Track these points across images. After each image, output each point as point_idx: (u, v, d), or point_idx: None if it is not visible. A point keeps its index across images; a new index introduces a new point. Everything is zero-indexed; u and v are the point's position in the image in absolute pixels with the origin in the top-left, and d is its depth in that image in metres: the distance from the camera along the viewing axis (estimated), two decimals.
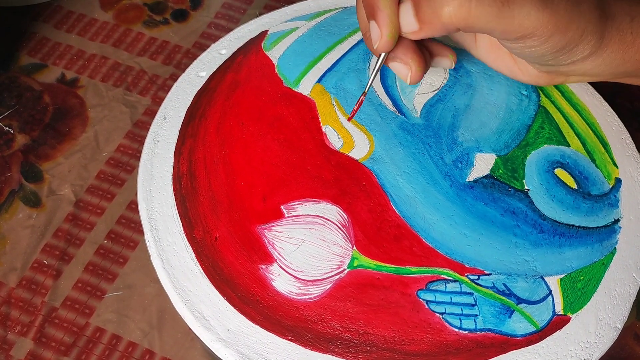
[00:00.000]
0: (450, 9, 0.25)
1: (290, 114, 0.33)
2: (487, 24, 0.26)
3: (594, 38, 0.28)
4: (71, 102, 0.51)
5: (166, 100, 0.38)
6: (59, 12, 0.56)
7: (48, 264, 0.43)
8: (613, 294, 0.32)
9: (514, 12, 0.25)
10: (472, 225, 0.30)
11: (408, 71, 0.29)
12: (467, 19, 0.26)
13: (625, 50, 0.28)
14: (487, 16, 0.25)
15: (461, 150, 0.32)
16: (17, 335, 0.41)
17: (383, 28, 0.27)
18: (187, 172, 0.34)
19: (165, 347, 0.40)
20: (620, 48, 0.28)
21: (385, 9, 0.27)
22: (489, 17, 0.25)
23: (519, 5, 0.25)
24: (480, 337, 0.29)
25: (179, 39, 0.54)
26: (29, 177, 0.47)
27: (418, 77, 0.29)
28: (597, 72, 0.30)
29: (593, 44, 0.28)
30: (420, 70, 0.29)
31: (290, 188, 0.31)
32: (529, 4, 0.26)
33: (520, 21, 0.26)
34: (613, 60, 0.29)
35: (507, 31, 0.27)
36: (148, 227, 0.33)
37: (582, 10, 0.27)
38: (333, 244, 0.30)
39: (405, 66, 0.29)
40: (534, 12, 0.26)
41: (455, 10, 0.25)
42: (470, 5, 0.25)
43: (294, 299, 0.30)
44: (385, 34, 0.27)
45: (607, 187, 0.34)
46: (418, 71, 0.29)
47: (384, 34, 0.27)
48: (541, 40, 0.27)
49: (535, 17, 0.26)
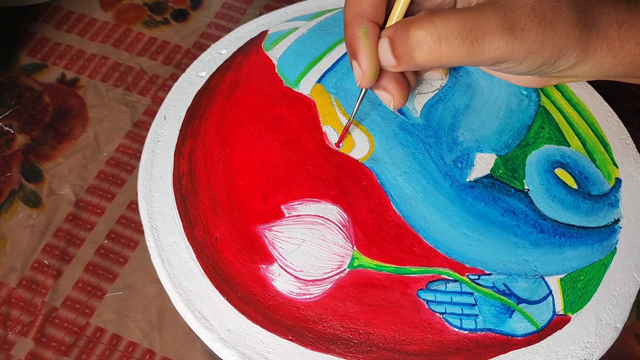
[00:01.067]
0: (422, 54, 0.27)
1: (291, 114, 0.33)
2: (459, 62, 0.27)
3: (575, 50, 0.28)
4: (71, 102, 0.51)
5: (166, 100, 0.38)
6: (59, 12, 0.56)
7: (48, 264, 0.43)
8: (613, 294, 0.32)
9: (484, 48, 0.26)
10: (473, 225, 0.30)
11: (391, 99, 0.30)
12: (440, 61, 0.27)
13: (615, 55, 0.29)
14: (458, 56, 0.26)
15: (461, 150, 0.32)
16: (18, 335, 0.41)
17: (364, 68, 0.28)
18: (188, 172, 0.34)
19: (165, 347, 0.40)
20: (609, 54, 0.29)
21: (366, 50, 0.28)
22: (460, 56, 0.26)
23: (488, 40, 0.26)
24: (481, 337, 0.29)
25: (179, 39, 0.54)
26: (29, 177, 0.47)
27: (401, 104, 0.30)
28: (588, 74, 0.30)
29: (576, 55, 0.28)
30: (402, 98, 0.30)
31: (291, 188, 0.31)
32: (498, 37, 0.26)
33: (490, 54, 0.27)
34: (603, 65, 0.29)
35: (479, 63, 0.27)
36: (148, 227, 0.33)
37: (557, 30, 0.27)
38: (333, 244, 0.30)
39: (388, 95, 0.30)
40: (502, 43, 0.26)
41: (427, 55, 0.27)
42: (441, 49, 0.26)
43: (295, 299, 0.30)
44: (366, 74, 0.28)
45: (607, 187, 0.34)
46: (400, 99, 0.30)
47: (365, 74, 0.28)
48: (516, 62, 0.28)
49: (504, 48, 0.26)
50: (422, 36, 0.26)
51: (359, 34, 0.28)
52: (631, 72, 0.30)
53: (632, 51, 0.29)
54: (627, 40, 0.29)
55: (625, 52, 0.29)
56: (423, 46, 0.26)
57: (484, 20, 0.26)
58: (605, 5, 0.29)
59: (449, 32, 0.26)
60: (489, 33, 0.26)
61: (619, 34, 0.28)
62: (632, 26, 0.29)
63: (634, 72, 0.30)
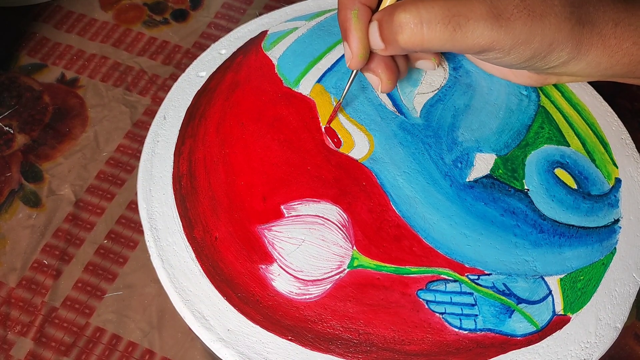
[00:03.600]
0: (404, 36, 0.27)
1: (290, 114, 0.33)
2: (442, 46, 0.27)
3: (567, 46, 0.28)
4: (71, 102, 0.51)
5: (166, 100, 0.38)
6: (59, 12, 0.56)
7: (48, 264, 0.43)
8: (613, 294, 0.32)
9: (467, 34, 0.27)
10: (472, 225, 0.30)
11: (379, 82, 0.30)
12: (422, 44, 0.27)
13: (611, 54, 0.29)
14: (441, 40, 0.27)
15: (461, 150, 0.32)
16: (17, 335, 0.41)
17: (354, 49, 0.29)
18: (187, 172, 0.34)
19: (165, 347, 0.40)
20: (604, 52, 0.29)
21: (356, 32, 0.29)
22: (443, 41, 0.27)
23: (471, 27, 0.26)
24: (480, 337, 0.29)
25: (179, 39, 0.54)
26: (29, 177, 0.47)
27: (388, 88, 0.31)
28: (585, 73, 0.30)
29: (569, 51, 0.28)
30: (390, 82, 0.30)
31: (290, 188, 0.31)
32: (482, 24, 0.26)
33: (474, 41, 0.27)
34: (599, 64, 0.29)
35: (463, 50, 0.28)
36: (148, 227, 0.33)
37: (546, 23, 0.27)
38: (333, 244, 0.30)
39: (376, 78, 0.30)
40: (487, 31, 0.27)
41: (409, 37, 0.27)
42: (423, 31, 0.27)
43: (294, 299, 0.30)
44: (355, 54, 0.29)
45: (607, 187, 0.34)
46: (388, 83, 0.30)
47: (355, 54, 0.29)
48: (503, 52, 0.28)
49: (488, 36, 0.27)
50: (405, 19, 0.27)
51: (351, 15, 0.29)
52: (630, 72, 0.30)
53: (629, 50, 0.29)
54: (624, 39, 0.29)
55: (623, 52, 0.29)
56: (405, 29, 0.27)
57: (468, 7, 0.26)
58: (601, 3, 0.29)
59: (431, 16, 0.26)
60: (472, 20, 0.26)
61: (615, 32, 0.28)
62: (629, 25, 0.29)
63: (632, 72, 0.30)
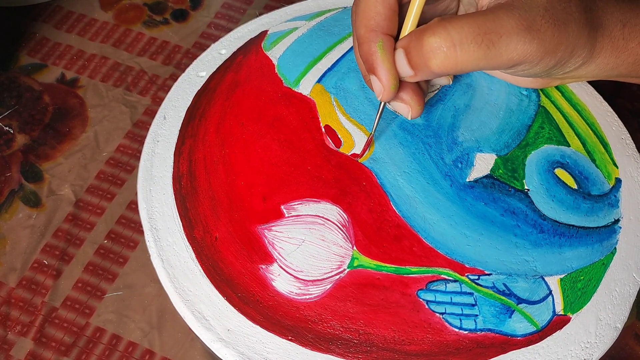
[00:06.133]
0: (438, 61, 0.26)
1: (290, 114, 0.33)
2: (476, 66, 0.26)
3: (584, 51, 0.28)
4: (71, 102, 0.51)
5: (166, 100, 0.38)
6: (59, 12, 0.56)
7: (48, 264, 0.43)
8: (613, 294, 0.32)
9: (501, 50, 0.26)
10: (472, 225, 0.30)
11: (409, 110, 0.30)
12: (456, 67, 0.26)
13: (618, 55, 0.29)
14: (475, 60, 0.26)
15: (461, 150, 0.32)
16: (17, 335, 0.41)
17: (384, 82, 0.28)
18: (187, 172, 0.34)
19: (165, 347, 0.40)
20: (612, 53, 0.29)
21: (385, 64, 0.27)
22: (477, 60, 0.26)
23: (505, 42, 0.26)
24: (481, 337, 0.29)
25: (179, 39, 0.54)
26: (29, 177, 0.47)
27: (418, 113, 0.30)
28: (592, 74, 0.30)
29: (584, 56, 0.28)
30: (419, 108, 0.30)
31: (290, 188, 0.31)
32: (515, 38, 0.26)
33: (508, 56, 0.26)
34: (606, 64, 0.29)
35: (496, 67, 0.27)
36: (148, 227, 0.33)
37: (570, 31, 0.27)
38: (333, 244, 0.30)
39: (406, 106, 0.29)
40: (520, 45, 0.26)
41: (442, 62, 0.26)
42: (456, 54, 0.26)
43: (294, 299, 0.30)
44: (387, 87, 0.28)
45: (607, 187, 0.34)
46: (418, 109, 0.30)
47: (387, 87, 0.28)
48: (532, 64, 0.27)
49: (522, 49, 0.26)
50: (437, 43, 0.25)
51: (376, 48, 0.27)
52: (633, 71, 0.30)
53: (635, 50, 0.29)
54: (630, 39, 0.29)
55: (629, 52, 0.29)
56: (438, 53, 0.26)
57: (498, 22, 0.25)
58: (608, 5, 0.29)
59: (462, 37, 0.25)
60: (504, 35, 0.25)
61: (623, 33, 0.28)
62: (635, 25, 0.29)
63: (635, 71, 0.30)
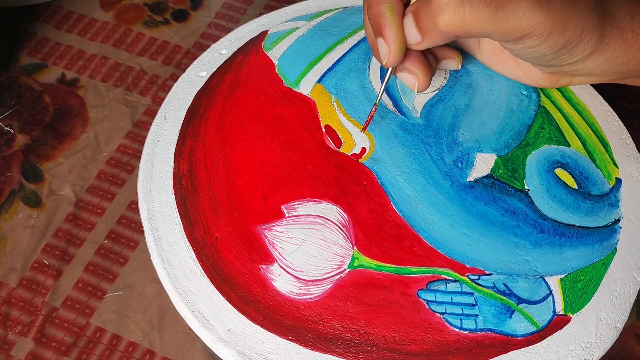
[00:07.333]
0: (446, 17, 0.26)
1: (291, 114, 0.33)
2: (483, 28, 0.26)
3: (593, 36, 0.28)
4: (71, 102, 0.51)
5: (166, 100, 0.38)
6: (59, 12, 0.56)
7: (48, 264, 0.43)
8: (613, 294, 0.32)
9: (509, 15, 0.26)
10: (473, 225, 0.30)
11: (415, 81, 0.30)
12: (463, 25, 0.26)
13: (628, 48, 0.28)
14: (483, 21, 0.26)
15: (461, 150, 0.32)
16: (18, 336, 0.41)
17: (391, 44, 0.28)
18: (188, 172, 0.34)
19: (165, 347, 0.40)
20: (622, 46, 0.28)
21: (393, 25, 0.27)
22: (485, 21, 0.26)
23: (513, 7, 0.26)
24: (481, 337, 0.29)
25: (179, 39, 0.54)
26: (29, 177, 0.47)
27: (425, 86, 0.30)
28: (600, 71, 0.30)
29: (593, 43, 0.28)
30: (426, 79, 0.29)
31: (291, 188, 0.31)
32: (523, 4, 0.26)
33: (516, 22, 0.26)
34: (616, 58, 0.29)
35: (504, 33, 0.27)
36: (148, 227, 0.33)
37: (579, 9, 0.27)
38: (333, 244, 0.30)
39: (412, 76, 0.29)
40: (529, 12, 0.26)
41: (450, 18, 0.26)
42: (464, 12, 0.26)
43: (295, 299, 0.30)
44: (393, 49, 0.28)
45: (608, 187, 0.34)
46: (425, 80, 0.29)
47: (392, 49, 0.28)
48: (540, 39, 0.27)
49: (530, 17, 0.26)
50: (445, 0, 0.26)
51: (384, 9, 0.27)
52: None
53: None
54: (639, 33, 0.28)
55: (638, 46, 0.29)
56: (446, 10, 0.26)
57: None
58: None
59: None
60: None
61: (632, 26, 0.28)
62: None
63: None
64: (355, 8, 0.39)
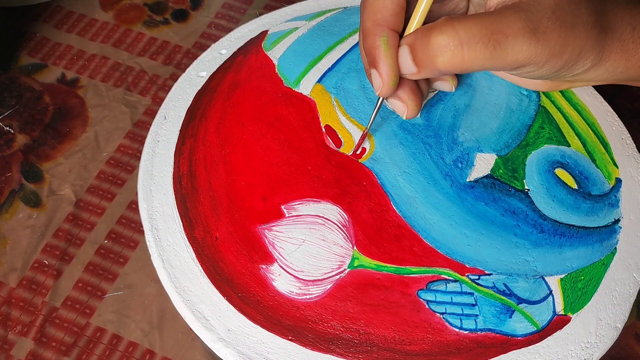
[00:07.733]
0: (445, 58, 0.26)
1: (291, 113, 0.33)
2: (482, 66, 0.26)
3: (592, 54, 0.28)
4: (71, 102, 0.51)
5: (166, 100, 0.38)
6: (59, 12, 0.56)
7: (48, 264, 0.43)
8: (613, 294, 0.32)
9: (507, 51, 0.26)
10: (473, 225, 0.30)
11: (405, 109, 0.30)
12: (462, 65, 0.26)
13: (628, 58, 0.29)
14: (481, 60, 0.26)
15: (461, 150, 0.32)
16: (18, 335, 0.41)
17: (384, 77, 0.28)
18: (188, 172, 0.34)
19: (165, 347, 0.40)
20: (622, 57, 0.28)
21: (387, 59, 0.28)
22: (483, 60, 0.26)
23: (511, 43, 0.26)
24: (481, 337, 0.29)
25: (179, 39, 0.54)
26: (29, 177, 0.47)
27: (414, 114, 0.30)
28: (600, 79, 0.30)
29: (593, 58, 0.28)
30: (416, 108, 0.30)
31: (291, 188, 0.31)
32: (520, 40, 0.26)
33: (514, 57, 0.26)
34: (616, 68, 0.29)
35: (502, 67, 0.27)
36: (148, 227, 0.33)
37: (577, 33, 0.27)
38: (333, 244, 0.30)
39: (403, 104, 0.30)
40: (526, 46, 0.26)
41: (449, 60, 0.26)
42: (463, 53, 0.26)
43: (295, 299, 0.30)
44: (387, 82, 0.28)
45: (608, 187, 0.34)
46: (414, 109, 0.30)
47: (386, 82, 0.28)
48: (537, 66, 0.27)
49: (527, 51, 0.26)
50: (444, 41, 0.26)
51: (380, 42, 0.27)
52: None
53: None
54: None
55: (639, 55, 0.29)
56: (445, 51, 0.26)
57: (505, 23, 0.26)
58: (619, 8, 0.28)
59: (470, 36, 0.25)
60: (511, 36, 0.25)
61: (633, 36, 0.28)
62: None
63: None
64: (355, 8, 0.39)
